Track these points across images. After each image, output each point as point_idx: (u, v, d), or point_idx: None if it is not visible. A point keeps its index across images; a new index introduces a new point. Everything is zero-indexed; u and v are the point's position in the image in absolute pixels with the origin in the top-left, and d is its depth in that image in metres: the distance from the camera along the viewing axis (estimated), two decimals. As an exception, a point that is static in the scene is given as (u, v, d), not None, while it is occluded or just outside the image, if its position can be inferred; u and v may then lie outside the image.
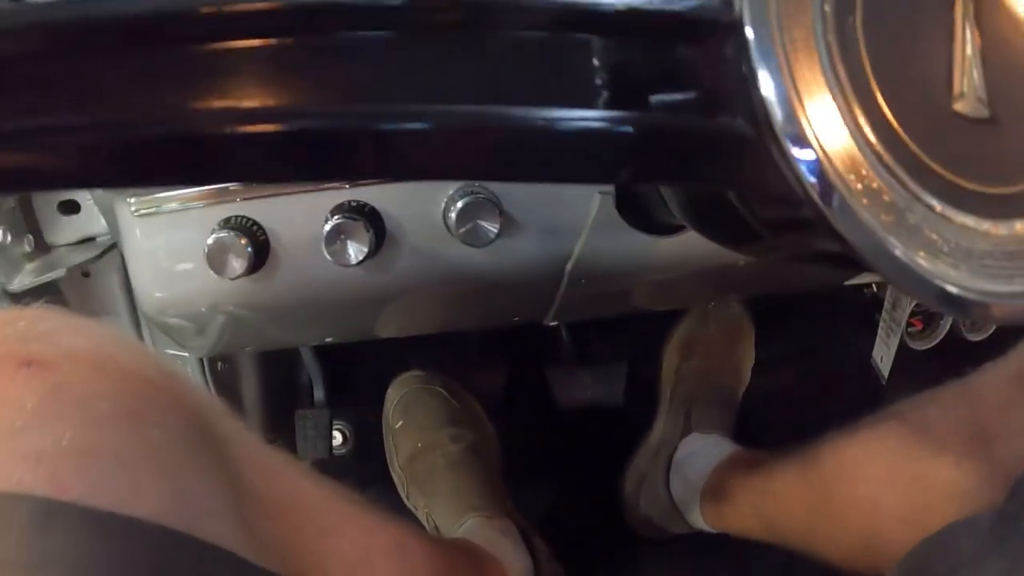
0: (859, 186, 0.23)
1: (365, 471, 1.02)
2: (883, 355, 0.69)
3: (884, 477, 0.60)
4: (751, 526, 0.80)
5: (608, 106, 0.23)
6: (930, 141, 0.25)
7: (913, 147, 0.24)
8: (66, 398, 0.33)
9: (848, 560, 0.65)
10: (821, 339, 1.16)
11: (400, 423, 0.95)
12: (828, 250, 0.29)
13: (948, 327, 1.02)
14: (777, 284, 0.75)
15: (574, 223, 0.54)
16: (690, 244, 0.58)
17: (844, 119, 0.23)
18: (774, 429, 1.02)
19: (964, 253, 0.26)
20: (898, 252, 0.23)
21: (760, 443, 0.90)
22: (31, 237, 0.80)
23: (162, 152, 0.25)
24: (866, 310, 1.09)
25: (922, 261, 0.23)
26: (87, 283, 0.87)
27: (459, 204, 0.49)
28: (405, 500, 0.94)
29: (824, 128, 0.23)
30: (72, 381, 0.33)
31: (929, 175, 0.25)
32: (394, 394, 0.97)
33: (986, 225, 0.26)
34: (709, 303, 0.97)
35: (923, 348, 1.03)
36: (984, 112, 0.26)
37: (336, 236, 0.50)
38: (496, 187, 0.53)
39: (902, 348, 0.83)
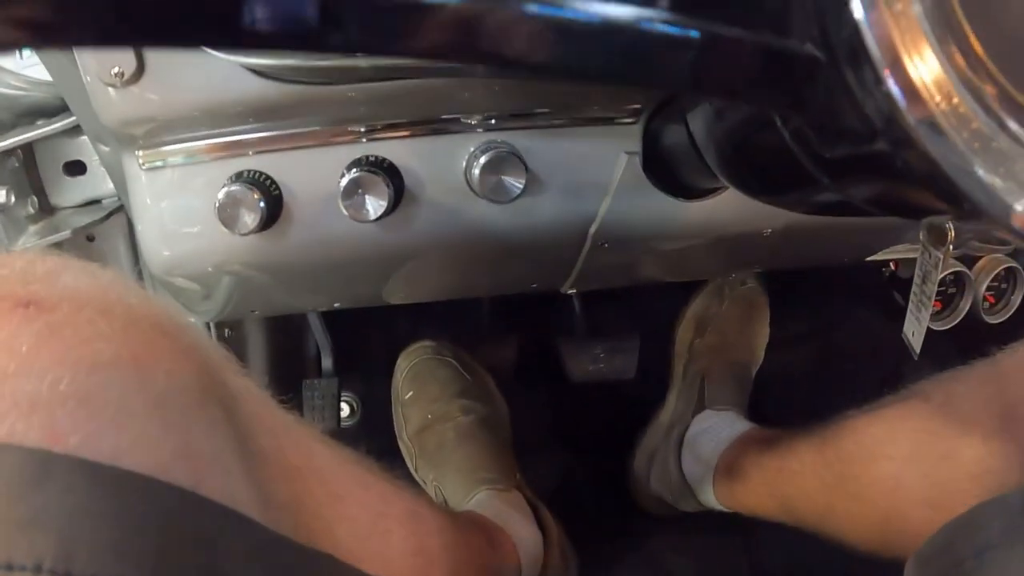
0: (947, 109, 0.21)
1: (372, 443, 0.99)
2: (914, 330, 0.67)
3: (907, 456, 0.58)
4: (765, 505, 0.79)
5: (674, 7, 0.21)
6: (1019, 73, 0.23)
7: (1001, 78, 0.22)
8: (65, 341, 0.30)
9: (866, 540, 0.64)
10: (836, 319, 1.15)
11: (410, 394, 0.94)
12: (886, 194, 0.27)
13: (967, 308, 1.00)
14: (798, 257, 0.73)
15: (599, 183, 0.53)
16: (717, 209, 0.56)
17: (933, 46, 0.21)
18: (788, 409, 1.01)
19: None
20: (982, 174, 0.21)
21: (774, 423, 0.89)
22: (35, 199, 0.79)
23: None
24: (883, 290, 1.07)
25: (1004, 185, 0.21)
26: (91, 247, 0.86)
27: (483, 159, 0.47)
28: (413, 473, 0.93)
29: (914, 51, 0.21)
30: (73, 322, 0.31)
31: (1017, 106, 0.23)
32: (404, 364, 0.95)
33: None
34: (728, 275, 0.95)
35: (942, 329, 1.01)
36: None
37: (354, 190, 0.48)
38: (521, 144, 0.51)
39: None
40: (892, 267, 1.06)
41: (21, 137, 0.73)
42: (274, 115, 0.51)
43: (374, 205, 0.48)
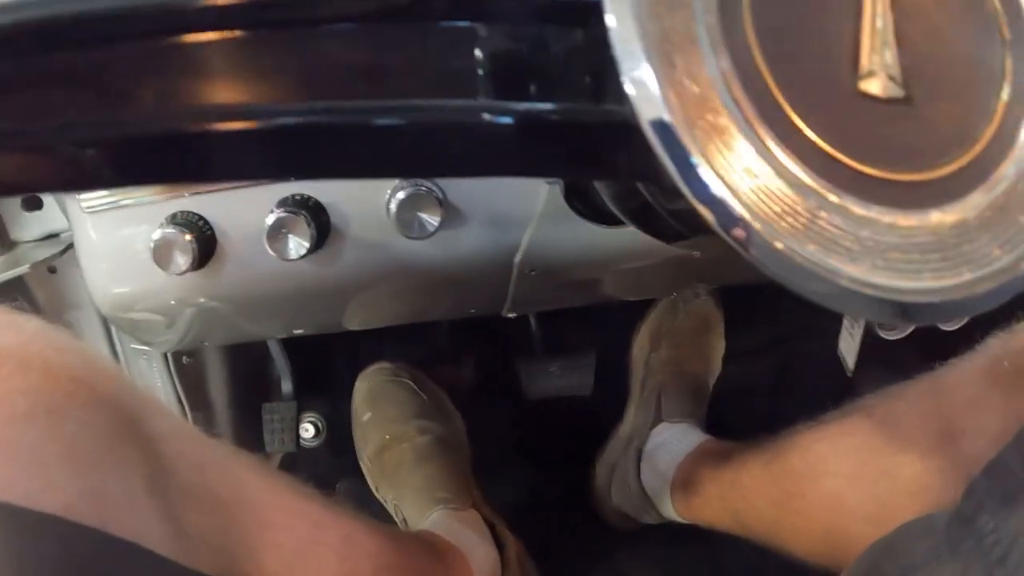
0: (739, 176, 0.22)
1: (339, 463, 1.01)
2: (848, 347, 0.68)
3: (849, 473, 0.59)
4: (720, 518, 0.80)
5: (487, 95, 0.22)
6: (827, 124, 0.24)
7: (806, 131, 0.24)
8: None
9: (812, 555, 0.64)
10: (796, 329, 1.15)
11: (368, 415, 0.95)
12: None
13: (919, 317, 1.01)
14: (738, 275, 0.75)
15: (521, 214, 0.54)
16: (641, 235, 0.57)
17: (720, 98, 0.22)
18: (747, 419, 1.01)
19: (866, 247, 0.25)
20: (782, 246, 0.23)
21: (733, 433, 0.89)
22: None
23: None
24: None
25: (813, 255, 0.23)
26: (53, 279, 0.86)
27: (399, 196, 0.49)
28: (375, 492, 0.94)
29: (695, 114, 0.22)
30: None
31: (826, 162, 0.24)
32: (362, 386, 0.96)
33: (893, 216, 0.26)
34: (674, 292, 0.96)
35: (894, 338, 1.02)
36: (898, 92, 0.26)
37: (278, 231, 0.49)
38: (440, 179, 0.52)
39: (874, 338, 0.82)
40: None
41: (-24, 176, 0.74)
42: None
43: (296, 244, 0.49)
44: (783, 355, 1.14)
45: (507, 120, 0.22)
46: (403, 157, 0.22)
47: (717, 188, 0.23)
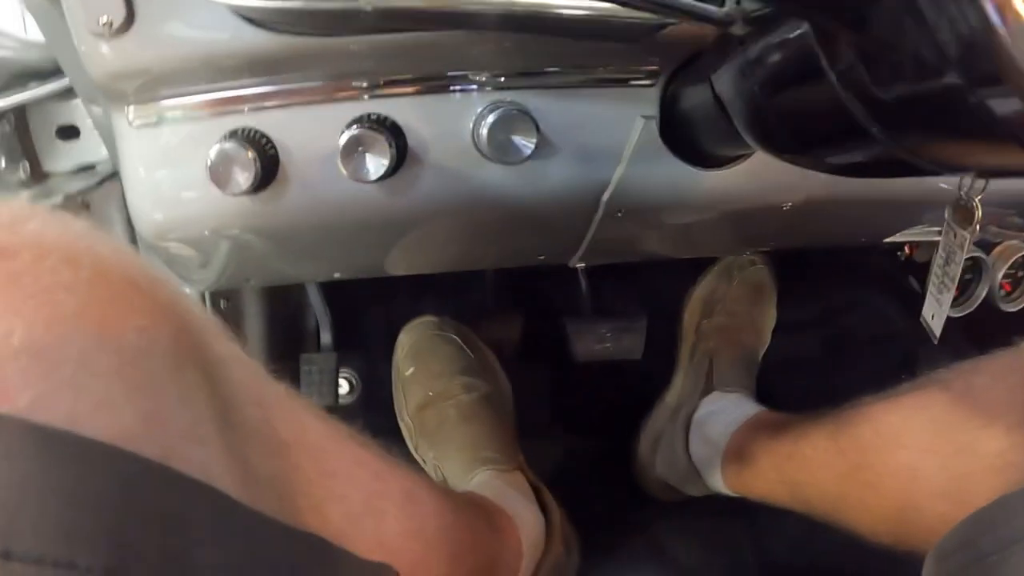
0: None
1: (371, 422, 0.98)
2: (934, 313, 0.64)
3: (925, 446, 0.56)
4: (775, 491, 0.76)
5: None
6: None
7: None
8: (22, 289, 0.26)
9: (879, 531, 0.62)
10: (847, 303, 1.13)
11: (411, 370, 0.91)
12: (948, 144, 0.24)
13: (983, 295, 0.98)
14: (815, 235, 0.71)
15: (614, 149, 0.50)
16: (736, 180, 0.53)
17: None
18: (796, 394, 0.99)
19: None
20: None
21: (782, 407, 0.87)
22: (27, 164, 0.78)
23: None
24: (898, 275, 1.05)
25: None
26: (87, 214, 0.83)
27: (491, 118, 0.45)
28: (413, 451, 0.90)
29: None
30: (33, 271, 0.27)
31: None
32: (405, 340, 0.93)
33: None
34: (741, 252, 0.93)
35: (957, 316, 0.99)
36: None
37: (354, 148, 0.45)
38: (531, 104, 0.48)
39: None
40: (908, 251, 1.03)
41: (13, 100, 0.71)
42: (271, 69, 0.48)
43: (375, 165, 0.45)
44: (833, 328, 1.11)
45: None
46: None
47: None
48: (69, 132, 0.78)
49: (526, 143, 0.45)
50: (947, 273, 0.71)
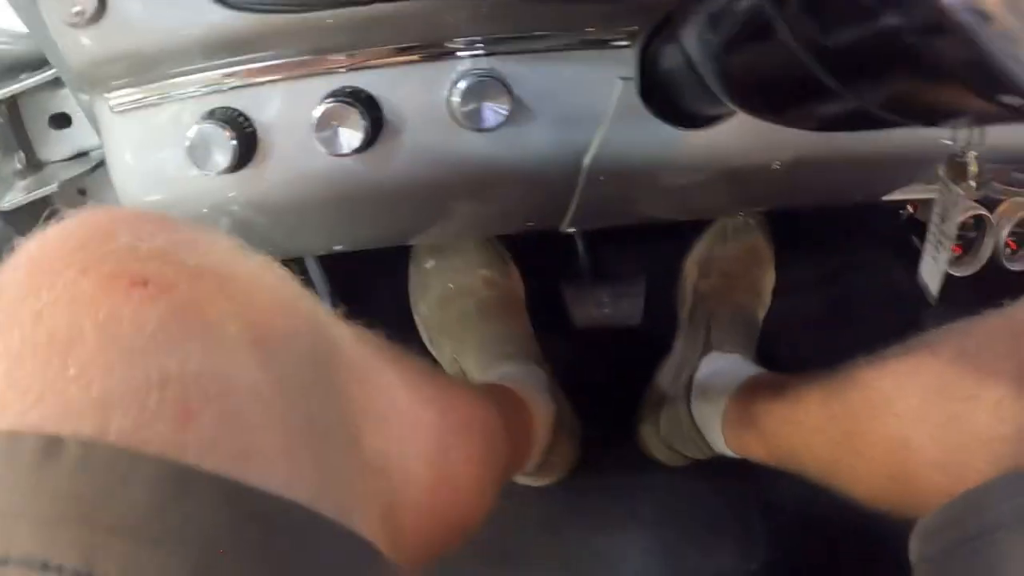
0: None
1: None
2: (931, 272, 0.63)
3: (915, 415, 0.55)
4: (773, 455, 0.76)
5: None
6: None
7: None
8: (190, 320, 0.27)
9: (875, 498, 0.61)
10: (850, 263, 1.12)
11: (431, 263, 0.92)
12: (904, 92, 0.24)
13: (988, 254, 0.96)
14: (808, 194, 0.70)
15: (593, 112, 0.50)
16: (720, 139, 0.53)
17: None
18: (799, 355, 0.99)
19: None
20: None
21: (785, 369, 0.86)
22: (22, 154, 0.79)
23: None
24: (900, 234, 1.03)
25: None
26: (83, 200, 0.84)
27: (462, 85, 0.44)
28: (428, 343, 0.93)
29: None
30: (195, 301, 0.28)
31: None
32: None
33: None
34: (737, 212, 0.92)
35: (962, 275, 0.97)
36: None
37: (327, 122, 0.45)
38: (508, 70, 0.48)
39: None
40: (910, 209, 1.02)
41: (4, 91, 0.72)
42: (246, 48, 0.48)
43: (348, 138, 0.45)
44: (835, 290, 1.11)
45: None
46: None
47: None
48: (61, 120, 0.78)
49: (499, 109, 0.44)
50: (943, 232, 0.70)
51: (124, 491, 0.23)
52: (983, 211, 0.92)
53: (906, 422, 0.55)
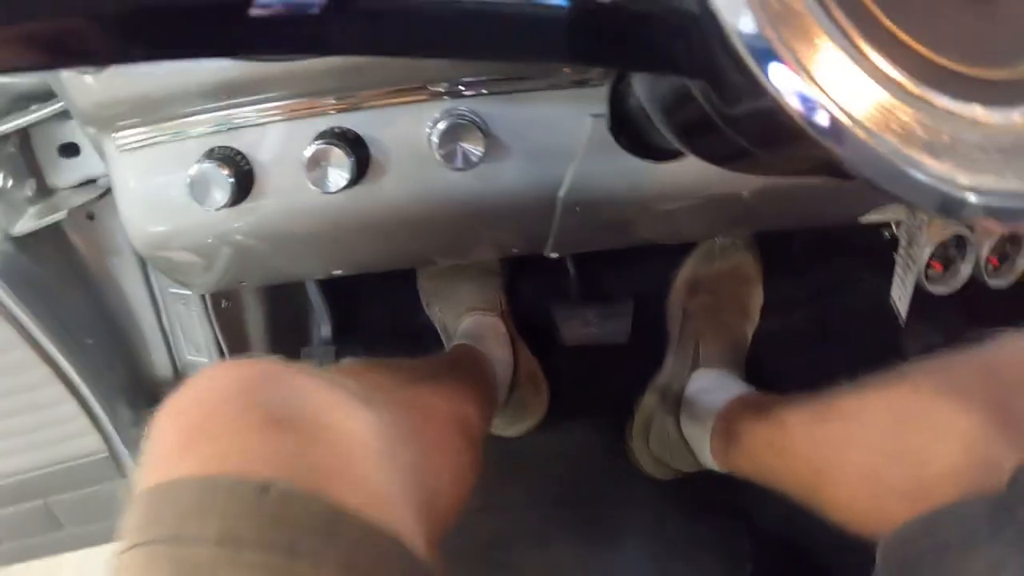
0: (818, 65, 0.21)
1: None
2: (900, 295, 0.66)
3: (888, 449, 0.57)
4: (758, 472, 0.78)
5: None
6: (909, 17, 0.23)
7: (886, 22, 0.22)
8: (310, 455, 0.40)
9: (849, 522, 0.62)
10: (838, 282, 1.13)
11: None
12: (804, 159, 0.27)
13: (969, 272, 0.98)
14: (783, 219, 0.72)
15: (566, 147, 0.53)
16: (689, 171, 0.55)
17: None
18: (786, 372, 1.00)
19: (949, 143, 0.23)
20: (862, 135, 0.21)
21: (773, 386, 0.88)
22: (33, 181, 0.80)
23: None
24: (886, 252, 1.05)
25: (893, 145, 0.21)
26: (92, 225, 0.87)
27: (440, 127, 0.48)
28: (426, 308, 1.06)
29: (773, 1, 0.20)
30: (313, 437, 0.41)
31: (906, 53, 0.22)
32: None
33: (975, 112, 0.24)
34: (717, 235, 0.95)
35: (944, 293, 0.99)
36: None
37: (316, 162, 0.48)
38: (485, 110, 0.51)
39: (921, 292, 0.79)
40: (893, 228, 1.03)
41: (16, 122, 0.74)
42: (243, 91, 0.52)
43: (335, 177, 0.48)
44: (823, 308, 1.12)
45: (562, 3, 0.20)
46: (456, 36, 0.21)
47: (794, 78, 0.21)
48: (70, 149, 0.80)
49: (474, 150, 0.48)
50: (910, 255, 0.73)
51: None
52: (963, 231, 0.94)
53: (879, 456, 0.57)
